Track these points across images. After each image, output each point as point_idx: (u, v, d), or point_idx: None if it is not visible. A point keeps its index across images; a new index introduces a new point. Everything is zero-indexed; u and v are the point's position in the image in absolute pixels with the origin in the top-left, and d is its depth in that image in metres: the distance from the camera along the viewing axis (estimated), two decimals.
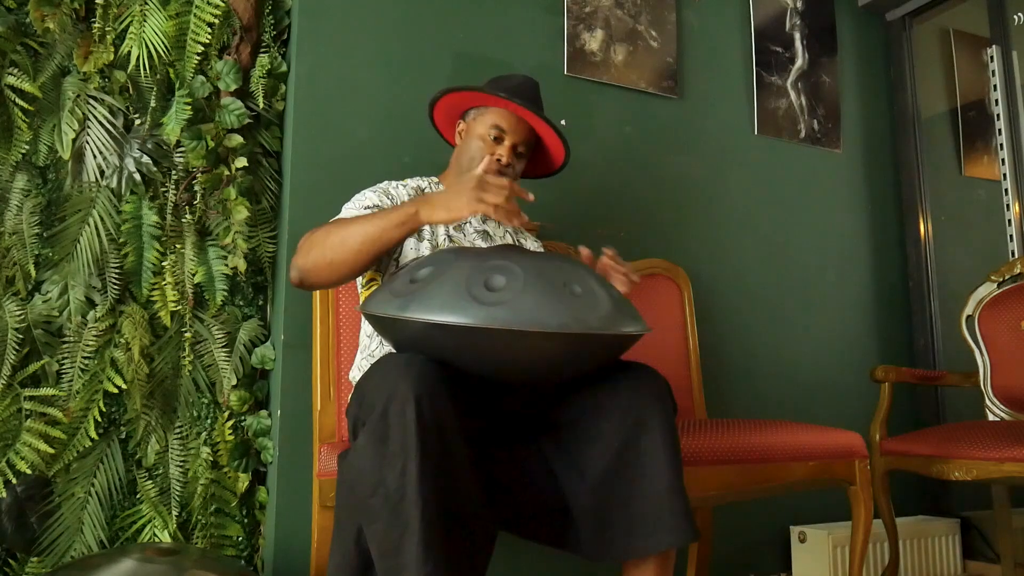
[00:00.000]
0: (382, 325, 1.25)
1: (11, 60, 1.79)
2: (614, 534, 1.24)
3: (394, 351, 1.52)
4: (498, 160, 1.62)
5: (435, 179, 1.73)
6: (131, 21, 1.89)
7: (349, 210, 1.56)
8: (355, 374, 1.61)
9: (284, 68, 2.01)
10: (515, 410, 1.37)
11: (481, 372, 1.22)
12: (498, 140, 1.63)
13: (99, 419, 1.78)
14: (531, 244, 1.80)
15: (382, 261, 1.61)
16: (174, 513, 1.82)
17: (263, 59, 1.98)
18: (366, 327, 1.65)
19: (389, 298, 1.22)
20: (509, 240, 1.74)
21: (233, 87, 1.93)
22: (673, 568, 1.31)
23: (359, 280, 1.68)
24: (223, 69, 1.93)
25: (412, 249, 1.58)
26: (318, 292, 1.82)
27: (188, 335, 1.88)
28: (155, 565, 1.45)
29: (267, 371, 1.96)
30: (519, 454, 1.35)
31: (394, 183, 1.65)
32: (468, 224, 1.68)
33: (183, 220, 1.91)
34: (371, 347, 1.60)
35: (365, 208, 1.55)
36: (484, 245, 1.66)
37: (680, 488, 1.24)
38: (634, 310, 1.28)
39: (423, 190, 1.68)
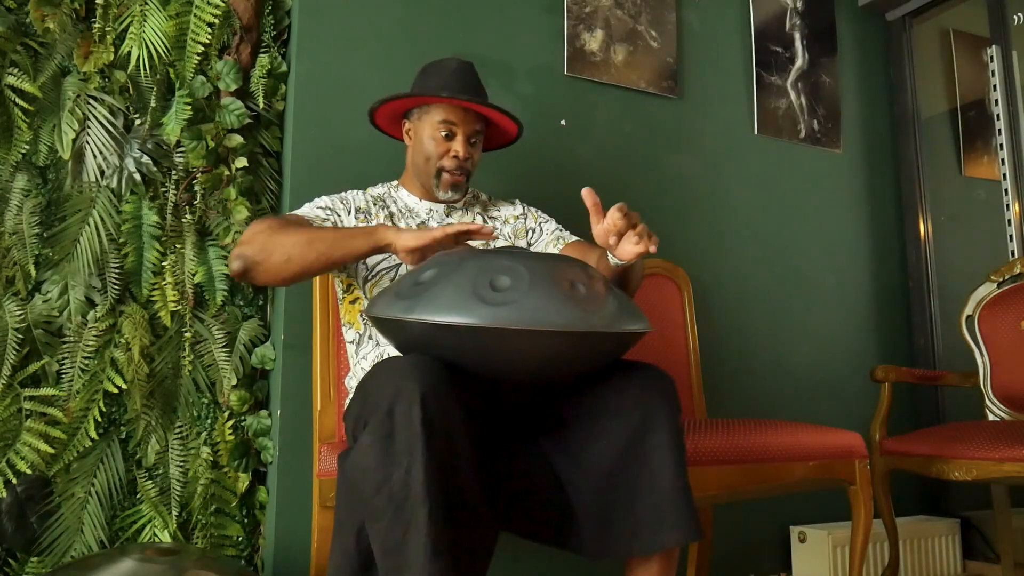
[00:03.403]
0: (387, 327, 1.25)
1: (11, 60, 1.79)
2: (618, 532, 1.24)
3: (387, 353, 1.53)
4: (455, 157, 1.62)
5: (395, 183, 1.74)
6: (131, 21, 1.89)
7: (305, 208, 1.58)
8: (352, 383, 1.60)
9: (284, 68, 2.01)
10: (519, 409, 1.37)
11: (487, 372, 1.22)
12: (450, 136, 1.62)
13: (99, 419, 1.78)
14: (506, 210, 1.78)
15: (351, 269, 1.62)
16: (174, 513, 1.82)
17: (263, 59, 1.98)
18: (349, 335, 1.65)
19: (394, 300, 1.22)
20: (479, 222, 1.72)
21: (233, 87, 1.93)
22: (676, 567, 1.31)
23: (339, 290, 1.68)
24: (223, 69, 1.93)
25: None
26: (318, 292, 1.81)
27: (188, 335, 1.88)
28: (155, 565, 1.45)
29: (267, 371, 1.96)
30: (523, 453, 1.35)
31: (353, 191, 1.67)
32: (430, 220, 1.68)
33: (183, 220, 1.91)
34: (360, 354, 1.60)
35: (318, 208, 1.58)
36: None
37: (686, 487, 1.24)
38: (637, 309, 1.29)
39: (382, 197, 1.68)
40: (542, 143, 2.27)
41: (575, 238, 1.72)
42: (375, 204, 1.65)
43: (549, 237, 1.73)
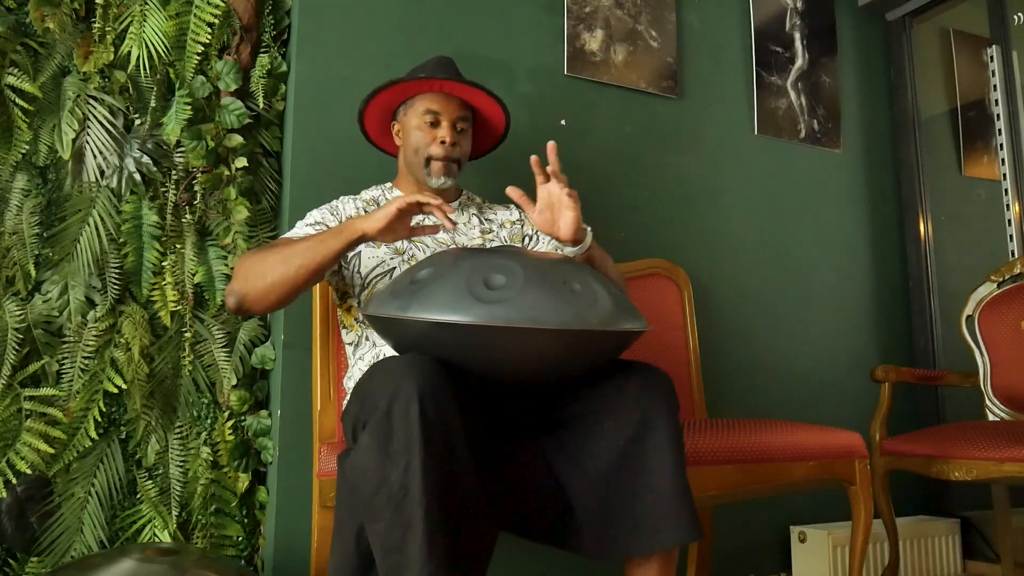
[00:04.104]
0: (383, 326, 1.25)
1: (11, 60, 1.79)
2: (618, 532, 1.24)
3: (383, 353, 1.53)
4: (441, 142, 1.62)
5: (389, 184, 1.74)
6: (131, 21, 1.89)
7: (295, 228, 1.58)
8: (349, 385, 1.61)
9: (284, 68, 2.01)
10: (517, 409, 1.37)
11: (483, 370, 1.22)
12: (435, 124, 1.63)
13: (99, 419, 1.78)
14: (502, 214, 1.78)
15: (346, 277, 1.61)
16: (174, 513, 1.82)
17: (263, 59, 1.98)
18: (348, 337, 1.65)
19: (390, 299, 1.22)
20: (475, 224, 1.72)
21: (233, 87, 1.93)
22: (676, 567, 1.31)
23: (335, 296, 1.68)
24: (223, 69, 1.93)
25: (371, 258, 1.59)
26: (318, 292, 1.81)
27: (188, 335, 1.88)
28: (155, 565, 1.45)
29: (267, 371, 1.96)
30: (521, 453, 1.35)
31: (345, 198, 1.67)
32: (426, 221, 1.64)
33: (183, 220, 1.91)
34: (357, 355, 1.60)
35: (307, 225, 1.58)
36: (447, 236, 1.65)
37: (685, 486, 1.24)
38: (634, 308, 1.29)
39: (376, 200, 1.68)
40: (542, 143, 2.27)
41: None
42: (367, 209, 1.65)
43: (546, 244, 1.73)
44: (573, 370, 1.28)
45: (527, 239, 1.75)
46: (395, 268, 1.58)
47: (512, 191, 1.41)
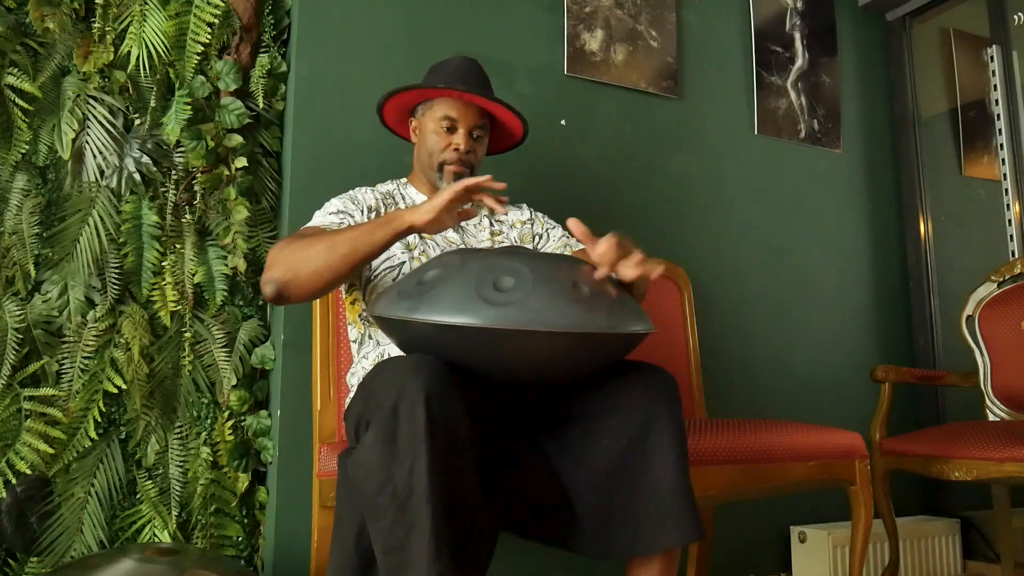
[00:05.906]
0: (391, 327, 1.25)
1: (11, 60, 1.79)
2: (619, 531, 1.24)
3: (388, 352, 1.53)
4: (455, 150, 1.62)
5: (403, 180, 1.74)
6: (131, 21, 1.89)
7: (317, 218, 1.56)
8: (352, 381, 1.60)
9: (284, 68, 2.01)
10: (520, 408, 1.37)
11: (490, 372, 1.22)
12: (451, 130, 1.62)
13: (99, 419, 1.78)
14: (513, 214, 1.78)
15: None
16: (174, 513, 1.82)
17: (263, 59, 1.98)
18: (352, 334, 1.65)
19: (397, 300, 1.22)
20: (485, 225, 1.71)
21: (233, 87, 1.93)
22: (677, 567, 1.31)
23: (343, 289, 1.68)
24: (223, 69, 1.93)
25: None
26: None
27: (188, 335, 1.88)
28: (155, 565, 1.45)
29: (267, 371, 1.96)
30: (525, 453, 1.34)
31: (362, 189, 1.66)
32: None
33: (183, 220, 1.91)
34: (361, 353, 1.60)
35: (330, 214, 1.55)
36: (457, 236, 1.66)
37: (687, 486, 1.24)
38: (640, 309, 1.29)
39: (391, 194, 1.68)
40: (542, 143, 2.27)
41: (581, 246, 1.71)
42: (384, 202, 1.66)
43: (556, 244, 1.73)
44: (579, 371, 1.28)
45: (537, 238, 1.75)
46: (404, 263, 1.58)
47: (575, 226, 1.30)
